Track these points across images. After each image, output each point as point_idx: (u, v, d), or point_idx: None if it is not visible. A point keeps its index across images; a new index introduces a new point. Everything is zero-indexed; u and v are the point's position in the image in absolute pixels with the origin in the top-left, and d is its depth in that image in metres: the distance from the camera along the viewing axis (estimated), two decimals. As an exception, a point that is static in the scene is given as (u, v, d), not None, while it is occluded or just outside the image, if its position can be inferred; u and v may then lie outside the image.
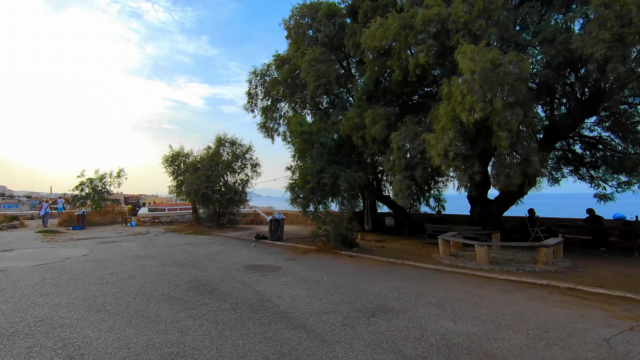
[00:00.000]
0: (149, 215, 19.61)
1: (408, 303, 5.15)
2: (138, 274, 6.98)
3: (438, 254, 9.18)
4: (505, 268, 7.28)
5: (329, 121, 11.52)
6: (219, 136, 16.66)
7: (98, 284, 6.24)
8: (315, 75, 10.94)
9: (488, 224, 11.36)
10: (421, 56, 7.63)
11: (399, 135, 8.61)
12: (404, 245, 11.27)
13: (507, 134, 6.26)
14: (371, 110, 9.41)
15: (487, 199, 11.66)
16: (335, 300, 5.29)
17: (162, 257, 8.91)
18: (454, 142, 6.83)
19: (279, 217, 12.08)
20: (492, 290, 5.91)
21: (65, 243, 11.64)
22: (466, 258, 8.52)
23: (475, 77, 6.19)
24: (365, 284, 6.30)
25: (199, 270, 7.34)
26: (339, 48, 12.65)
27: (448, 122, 6.98)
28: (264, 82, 14.49)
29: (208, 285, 6.17)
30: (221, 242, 11.88)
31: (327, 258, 8.93)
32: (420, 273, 7.25)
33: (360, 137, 10.05)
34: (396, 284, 6.30)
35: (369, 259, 8.80)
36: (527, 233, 11.50)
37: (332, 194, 10.78)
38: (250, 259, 8.71)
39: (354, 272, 7.30)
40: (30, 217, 23.04)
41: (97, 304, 5.09)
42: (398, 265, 8.03)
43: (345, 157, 11.13)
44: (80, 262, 8.27)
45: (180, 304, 5.05)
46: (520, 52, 6.80)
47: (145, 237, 13.56)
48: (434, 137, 7.30)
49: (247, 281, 6.44)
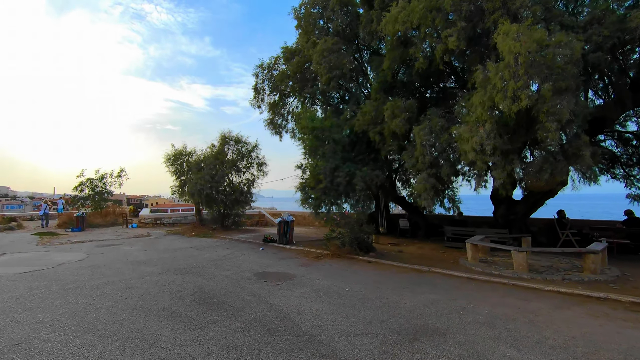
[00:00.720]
0: (150, 217, 18.91)
1: (451, 322, 4.37)
2: (137, 283, 6.23)
3: (465, 259, 8.39)
4: (548, 277, 6.47)
5: (342, 116, 10.75)
6: (224, 134, 15.90)
7: (91, 295, 5.50)
8: (328, 67, 10.18)
9: (513, 227, 10.54)
10: (451, 40, 6.85)
11: (423, 129, 7.83)
12: (422, 250, 10.47)
13: (556, 124, 5.47)
14: (391, 103, 8.64)
15: (512, 199, 10.85)
16: (364, 317, 4.52)
17: (164, 263, 8.17)
18: (492, 135, 6.04)
19: (288, 219, 11.31)
20: (544, 305, 5.11)
21: (61, 246, 10.94)
22: (498, 264, 7.72)
23: (520, 59, 5.41)
24: (395, 296, 5.51)
25: (205, 279, 6.59)
26: (351, 39, 11.89)
27: (484, 113, 6.19)
28: (272, 76, 13.74)
29: (215, 297, 5.42)
30: (227, 246, 11.13)
31: (343, 264, 8.16)
32: (452, 283, 6.45)
33: (377, 132, 9.28)
34: (430, 296, 5.52)
35: (390, 265, 8.02)
36: (555, 236, 10.68)
37: (347, 194, 10.00)
38: (260, 265, 7.95)
39: (378, 281, 6.52)
40: (29, 218, 22.42)
41: (87, 321, 4.34)
42: (424, 273, 7.24)
43: (360, 154, 10.35)
44: (74, 268, 7.54)
45: (184, 323, 4.30)
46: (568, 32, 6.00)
47: (147, 239, 12.85)
48: (467, 130, 6.51)
49: (259, 292, 5.68)
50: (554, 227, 10.82)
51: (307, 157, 10.67)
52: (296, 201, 11.37)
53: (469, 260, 7.96)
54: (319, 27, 11.55)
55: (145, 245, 11.16)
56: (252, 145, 16.09)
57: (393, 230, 14.06)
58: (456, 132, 6.94)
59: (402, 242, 11.89)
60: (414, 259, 8.90)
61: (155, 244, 11.68)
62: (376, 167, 9.89)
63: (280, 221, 11.32)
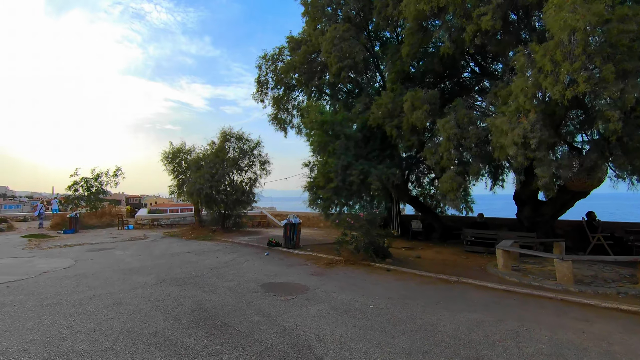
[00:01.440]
0: (147, 218, 18.05)
1: (510, 354, 3.54)
2: (126, 298, 5.39)
3: (493, 266, 7.57)
4: (600, 290, 5.64)
5: (353, 110, 9.89)
6: (224, 130, 15.03)
7: (71, 315, 4.66)
8: (339, 56, 9.34)
9: (540, 230, 9.72)
10: (484, 20, 6.01)
11: (449, 122, 6.98)
12: (441, 255, 9.65)
13: (618, 113, 4.65)
14: (411, 93, 7.80)
15: (538, 200, 10.02)
16: (401, 346, 3.68)
17: (159, 271, 7.33)
18: (537, 127, 5.21)
19: (295, 221, 10.47)
20: (612, 327, 4.28)
21: (49, 251, 10.09)
22: (534, 273, 6.89)
23: (578, 36, 4.58)
24: (429, 315, 4.68)
25: (205, 292, 5.75)
26: (362, 27, 11.04)
27: (527, 101, 5.35)
28: (275, 68, 12.87)
29: (217, 316, 4.58)
30: (228, 250, 10.30)
31: (359, 273, 7.32)
32: (489, 297, 5.62)
33: (394, 126, 8.43)
34: (470, 315, 4.68)
35: (412, 273, 7.19)
36: (584, 240, 9.87)
37: (360, 194, 9.16)
38: (266, 274, 7.11)
39: (404, 295, 5.68)
40: (22, 219, 21.55)
41: (60, 352, 3.51)
42: (453, 284, 6.41)
43: (374, 150, 9.50)
44: (58, 278, 6.70)
45: (179, 354, 3.46)
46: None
47: (142, 243, 12.00)
48: (505, 121, 5.67)
49: (268, 310, 4.84)
50: (583, 230, 10.01)
51: (316, 154, 9.83)
52: (303, 202, 10.54)
53: (499, 269, 7.13)
54: (328, 13, 10.68)
55: (140, 250, 10.32)
56: (254, 143, 15.24)
57: (404, 232, 13.24)
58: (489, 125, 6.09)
59: (417, 246, 11.06)
60: (435, 266, 8.08)
61: (150, 248, 10.84)
62: (392, 164, 9.05)
63: (287, 223, 10.48)
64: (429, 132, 8.39)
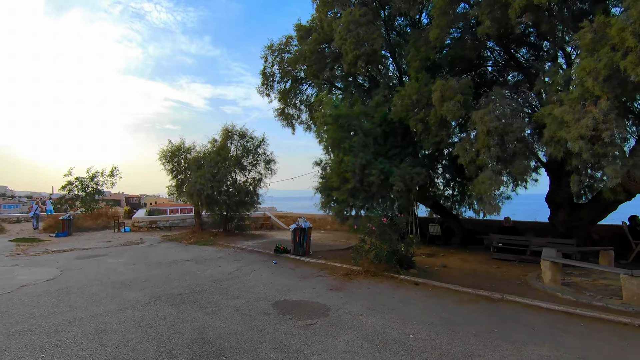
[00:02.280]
0: (145, 220, 17.09)
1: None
2: (113, 323, 4.46)
3: (535, 279, 6.64)
4: (682, 313, 4.70)
5: (371, 102, 8.94)
6: (226, 127, 14.08)
7: (41, 348, 3.73)
8: (355, 42, 8.40)
9: (576, 236, 8.76)
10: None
11: (488, 114, 6.04)
12: (468, 263, 8.70)
13: None
14: (441, 82, 6.85)
15: (574, 203, 9.08)
16: (472, 405, 2.74)
17: (154, 285, 6.40)
18: (611, 117, 4.27)
19: (305, 226, 9.52)
20: None
21: (34, 258, 9.16)
22: (588, 289, 5.96)
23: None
24: (489, 351, 3.73)
25: (207, 314, 4.82)
26: (378, 13, 10.10)
27: (596, 86, 4.42)
28: (282, 60, 11.93)
29: (224, 351, 3.65)
30: (232, 258, 9.36)
31: (384, 287, 6.38)
32: (549, 321, 4.66)
33: (419, 120, 7.50)
34: (539, 351, 3.73)
35: (445, 288, 6.24)
36: (624, 246, 8.93)
37: (380, 196, 8.22)
38: (277, 289, 6.17)
39: (446, 319, 4.73)
40: (16, 220, 20.64)
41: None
42: (499, 303, 5.46)
43: (394, 147, 8.55)
44: (36, 294, 5.77)
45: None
46: None
47: (138, 248, 11.07)
48: (567, 110, 4.73)
49: (286, 342, 3.90)
50: (623, 235, 9.08)
51: (330, 151, 8.90)
52: (315, 204, 9.60)
53: (546, 283, 6.18)
54: None
55: (135, 257, 9.38)
56: (258, 141, 14.29)
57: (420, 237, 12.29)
58: (538, 116, 5.14)
59: (438, 252, 10.13)
60: (466, 277, 7.14)
61: (147, 254, 9.90)
62: (415, 163, 8.11)
63: (296, 228, 9.53)
64: (460, 127, 7.45)
